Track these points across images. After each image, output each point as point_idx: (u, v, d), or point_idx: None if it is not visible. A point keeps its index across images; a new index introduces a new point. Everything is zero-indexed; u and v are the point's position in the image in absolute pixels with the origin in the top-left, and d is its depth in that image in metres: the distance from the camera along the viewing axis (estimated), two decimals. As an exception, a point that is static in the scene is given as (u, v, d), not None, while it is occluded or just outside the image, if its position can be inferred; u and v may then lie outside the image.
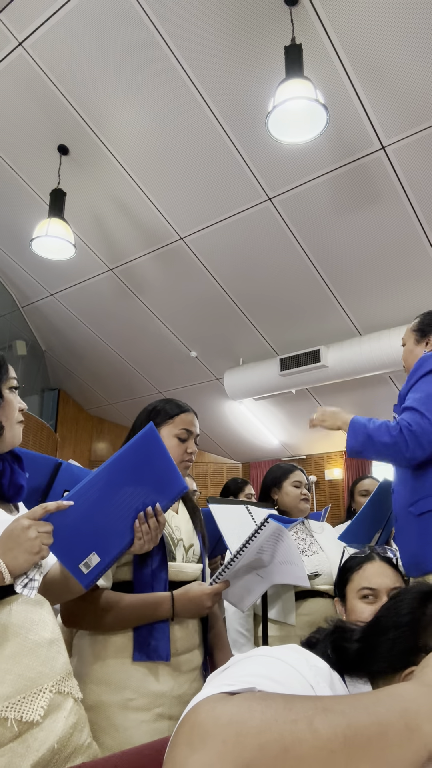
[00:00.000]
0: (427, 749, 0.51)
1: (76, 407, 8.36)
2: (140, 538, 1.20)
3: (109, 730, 1.21)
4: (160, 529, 1.23)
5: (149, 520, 1.20)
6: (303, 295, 5.34)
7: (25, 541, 0.92)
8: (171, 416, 1.50)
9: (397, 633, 0.71)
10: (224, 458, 8.89)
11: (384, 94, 3.57)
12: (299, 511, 2.20)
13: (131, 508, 1.17)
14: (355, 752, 0.49)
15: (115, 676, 1.26)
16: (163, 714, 1.26)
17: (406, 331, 2.07)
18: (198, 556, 1.50)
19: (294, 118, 3.06)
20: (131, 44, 3.60)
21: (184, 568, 1.41)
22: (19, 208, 5.09)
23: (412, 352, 2.00)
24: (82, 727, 1.00)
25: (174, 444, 1.48)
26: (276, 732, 0.50)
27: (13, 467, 1.10)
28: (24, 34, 3.66)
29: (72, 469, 1.68)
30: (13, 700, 0.88)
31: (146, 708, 1.25)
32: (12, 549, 0.91)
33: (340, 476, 7.98)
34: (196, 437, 1.53)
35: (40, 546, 0.93)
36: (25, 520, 0.94)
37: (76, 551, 1.08)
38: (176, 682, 1.30)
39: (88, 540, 1.09)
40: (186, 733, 0.53)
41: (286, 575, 1.52)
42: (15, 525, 0.94)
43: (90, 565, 1.10)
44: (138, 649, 1.27)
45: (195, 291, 5.57)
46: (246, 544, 1.30)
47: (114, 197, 4.76)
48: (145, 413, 1.54)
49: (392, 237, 4.53)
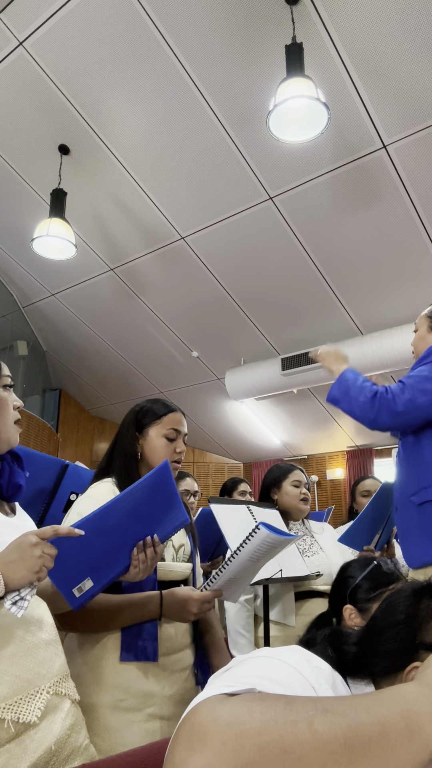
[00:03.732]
0: (428, 750, 0.51)
1: (77, 407, 8.37)
2: (136, 567, 1.18)
3: (100, 732, 1.20)
4: (156, 559, 1.22)
5: (146, 550, 1.19)
6: (304, 295, 5.34)
7: (29, 557, 0.90)
8: (159, 416, 1.48)
9: (394, 632, 0.71)
10: (226, 458, 8.89)
11: (385, 93, 3.56)
12: (299, 512, 2.19)
13: (131, 537, 1.17)
14: (355, 753, 0.49)
15: (105, 677, 1.25)
16: (155, 714, 1.25)
17: (420, 317, 2.05)
18: (188, 555, 1.49)
19: (295, 117, 3.05)
20: (132, 43, 3.60)
21: (174, 568, 1.40)
22: (20, 207, 5.09)
23: (423, 339, 1.98)
24: (79, 728, 0.99)
25: (162, 444, 1.45)
26: (276, 733, 0.50)
27: (12, 467, 1.09)
28: (24, 33, 3.66)
29: (79, 471, 1.68)
30: (10, 701, 0.88)
31: (137, 708, 1.24)
32: (14, 562, 0.89)
33: (342, 476, 7.98)
34: (184, 436, 1.52)
35: (41, 566, 0.91)
36: (34, 537, 0.92)
37: (71, 576, 1.07)
38: (167, 682, 1.30)
39: (85, 565, 1.09)
40: (185, 734, 0.53)
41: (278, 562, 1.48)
42: (23, 539, 0.92)
43: (83, 590, 1.10)
44: (125, 649, 1.27)
45: (196, 291, 5.57)
46: (236, 553, 1.27)
47: (115, 197, 4.76)
48: (132, 414, 1.51)
49: (394, 236, 4.53)
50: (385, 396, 1.71)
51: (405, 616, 0.72)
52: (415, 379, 1.73)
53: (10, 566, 0.89)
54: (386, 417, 1.70)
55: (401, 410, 1.69)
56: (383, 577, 1.36)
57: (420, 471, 1.74)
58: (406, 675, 0.67)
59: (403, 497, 1.78)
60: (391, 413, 1.70)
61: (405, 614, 0.72)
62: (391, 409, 1.70)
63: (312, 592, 2.02)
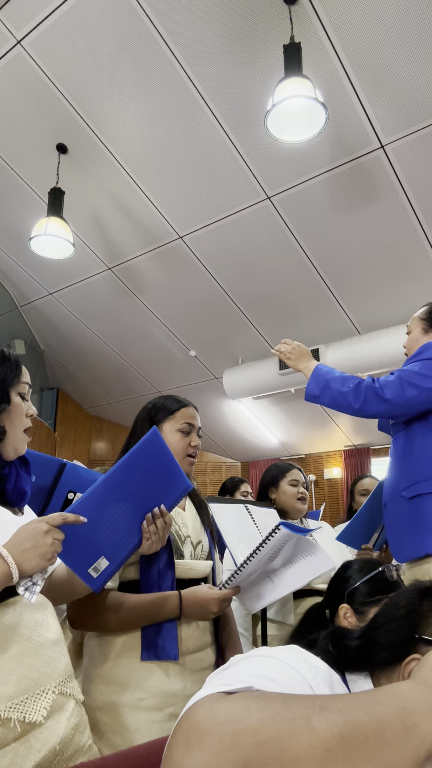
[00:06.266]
0: (424, 747, 0.51)
1: (74, 406, 8.36)
2: (148, 539, 1.20)
3: (119, 731, 1.20)
4: (167, 529, 1.23)
5: (156, 521, 1.20)
6: (302, 294, 5.34)
7: (42, 545, 0.92)
8: (172, 412, 1.50)
9: (394, 624, 0.72)
10: (223, 457, 8.89)
11: (383, 93, 3.57)
12: (296, 511, 2.19)
13: (137, 510, 1.18)
14: (352, 751, 0.49)
15: (125, 676, 1.25)
16: (176, 714, 1.24)
17: (413, 319, 2.02)
18: (207, 552, 1.49)
19: (293, 116, 3.05)
20: (130, 42, 3.59)
21: (193, 566, 1.40)
22: (17, 206, 5.09)
23: (417, 341, 1.95)
24: (83, 728, 0.99)
25: (177, 438, 1.47)
26: (273, 731, 0.50)
27: (20, 472, 1.09)
28: (22, 32, 3.66)
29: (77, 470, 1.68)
30: (16, 700, 0.88)
31: (158, 708, 1.24)
32: (27, 550, 0.91)
33: (340, 475, 7.99)
34: (198, 430, 1.53)
35: (53, 553, 0.93)
36: (45, 525, 0.94)
37: (84, 557, 1.08)
38: (188, 682, 1.29)
39: (96, 545, 1.10)
40: (183, 732, 0.53)
41: (303, 574, 1.47)
42: (35, 527, 0.93)
43: (99, 569, 1.10)
44: (146, 648, 1.26)
45: (194, 290, 5.57)
46: (256, 552, 1.28)
47: (113, 196, 4.76)
48: (145, 411, 1.53)
49: (391, 236, 4.53)
50: (371, 385, 1.73)
51: (406, 612, 0.73)
52: (406, 373, 1.75)
53: (24, 555, 0.90)
54: (373, 405, 1.72)
55: (388, 398, 1.71)
56: (384, 585, 1.36)
57: (410, 466, 1.75)
58: (404, 667, 0.68)
59: (393, 493, 1.78)
60: (378, 400, 1.72)
61: (406, 610, 0.73)
62: (378, 396, 1.71)
63: (311, 591, 2.02)
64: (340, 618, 1.35)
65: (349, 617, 1.34)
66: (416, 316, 2.02)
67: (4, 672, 0.89)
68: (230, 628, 1.55)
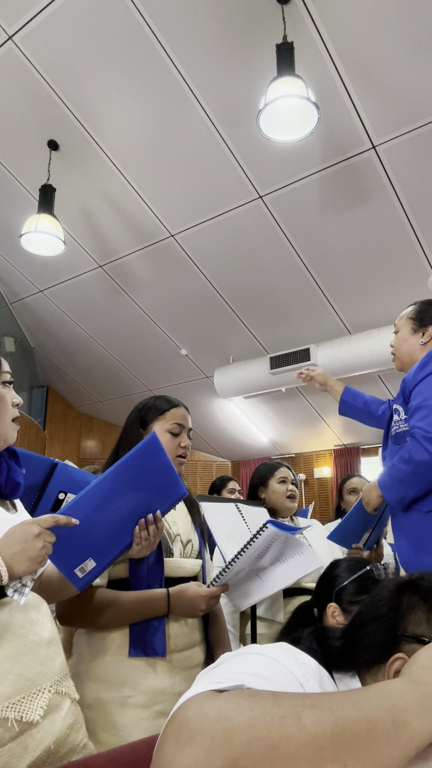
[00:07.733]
0: (414, 745, 0.52)
1: (64, 405, 8.32)
2: (139, 544, 1.19)
3: (107, 728, 1.20)
4: (159, 535, 1.23)
5: (149, 527, 1.20)
6: (293, 294, 5.35)
7: (32, 548, 0.91)
8: (162, 412, 1.50)
9: (377, 624, 0.72)
10: (214, 456, 8.89)
11: (375, 94, 3.58)
12: (286, 509, 2.20)
13: (130, 514, 1.17)
14: (342, 748, 0.50)
15: (113, 673, 1.25)
16: (164, 711, 1.25)
17: (401, 318, 1.97)
18: (197, 551, 1.49)
19: (285, 116, 3.06)
20: (122, 40, 3.58)
21: (182, 564, 1.40)
22: (8, 203, 5.05)
23: (406, 341, 1.91)
24: (78, 727, 0.99)
25: (167, 439, 1.47)
26: (264, 729, 0.50)
27: (10, 464, 1.08)
28: (14, 28, 3.63)
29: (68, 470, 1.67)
30: (13, 699, 0.88)
31: (145, 705, 1.24)
32: (18, 553, 0.90)
33: (329, 474, 8.02)
34: (188, 431, 1.53)
35: (43, 556, 0.93)
36: (36, 527, 0.93)
37: (72, 556, 1.08)
38: (176, 679, 1.29)
39: (85, 545, 1.09)
40: (174, 730, 0.53)
41: (292, 573, 1.48)
42: (25, 529, 0.93)
43: (86, 570, 1.10)
44: (134, 644, 1.26)
45: (185, 288, 5.56)
46: (243, 550, 1.28)
47: (104, 193, 4.74)
48: (135, 411, 1.53)
49: (382, 236, 4.55)
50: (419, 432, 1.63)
51: (388, 609, 0.73)
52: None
53: (14, 558, 0.90)
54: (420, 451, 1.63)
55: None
56: (371, 584, 1.37)
57: None
58: (389, 666, 0.68)
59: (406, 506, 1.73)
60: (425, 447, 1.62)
61: (388, 607, 0.73)
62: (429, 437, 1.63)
63: (300, 589, 2.02)
64: (328, 617, 1.35)
65: (336, 616, 1.34)
66: (404, 314, 1.98)
67: (1, 671, 0.88)
68: (220, 626, 1.55)
